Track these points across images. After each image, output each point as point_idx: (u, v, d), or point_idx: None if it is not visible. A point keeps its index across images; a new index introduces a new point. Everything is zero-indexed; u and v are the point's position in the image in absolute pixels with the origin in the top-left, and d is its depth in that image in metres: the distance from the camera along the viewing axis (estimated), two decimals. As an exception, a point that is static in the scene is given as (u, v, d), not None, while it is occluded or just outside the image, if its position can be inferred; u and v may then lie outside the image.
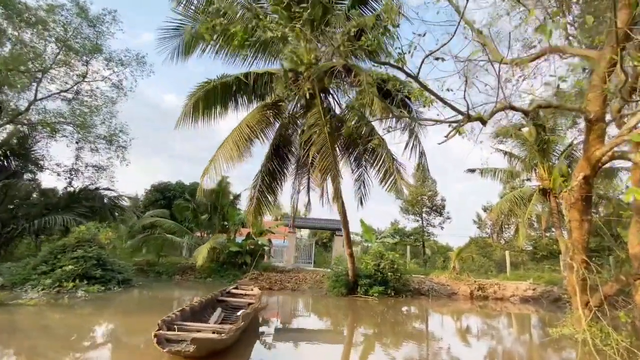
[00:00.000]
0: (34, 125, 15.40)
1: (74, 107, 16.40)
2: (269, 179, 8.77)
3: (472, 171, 18.80)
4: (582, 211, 5.81)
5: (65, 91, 16.50)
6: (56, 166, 16.13)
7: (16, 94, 15.74)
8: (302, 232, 30.06)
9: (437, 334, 8.01)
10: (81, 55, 16.35)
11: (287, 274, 15.06)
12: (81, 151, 16.35)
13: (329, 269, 14.18)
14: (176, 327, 4.92)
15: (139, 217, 17.57)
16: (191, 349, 4.09)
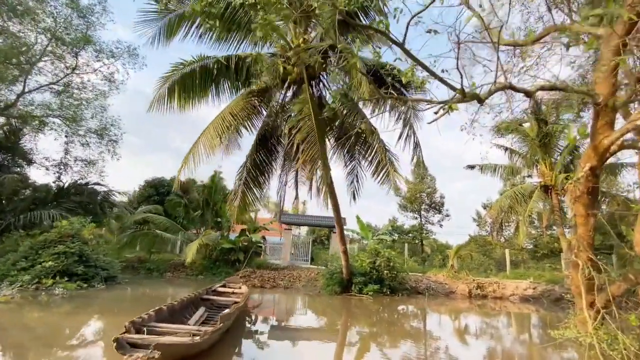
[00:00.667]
0: (22, 118, 14.97)
1: (63, 100, 15.99)
2: (255, 171, 8.32)
3: (471, 167, 18.40)
4: (587, 205, 5.39)
5: (54, 83, 16.08)
6: (45, 160, 15.72)
7: (4, 86, 15.34)
8: (300, 230, 29.70)
9: (432, 334, 7.61)
10: (71, 46, 15.92)
11: (281, 271, 14.69)
12: (70, 145, 15.92)
13: (323, 267, 13.81)
14: (145, 329, 4.50)
15: (131, 213, 17.19)
16: (156, 355, 3.68)
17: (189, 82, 6.52)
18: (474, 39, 5.12)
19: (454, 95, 3.53)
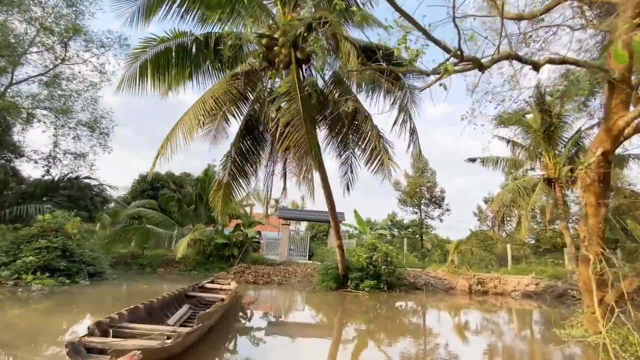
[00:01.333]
0: (9, 109, 14.54)
1: (52, 91, 15.55)
2: (241, 160, 7.84)
3: (472, 160, 17.93)
4: (598, 194, 4.94)
5: (43, 74, 15.63)
6: (33, 153, 15.32)
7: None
8: (300, 225, 29.33)
9: (430, 332, 7.21)
10: (60, 36, 15.44)
11: (277, 267, 14.34)
12: (60, 138, 15.50)
13: (318, 262, 13.43)
14: (112, 331, 4.09)
15: (124, 207, 16.83)
16: None
17: (164, 62, 5.97)
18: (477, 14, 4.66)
19: (449, 59, 3.08)
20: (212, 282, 8.63)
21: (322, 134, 8.77)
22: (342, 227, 21.96)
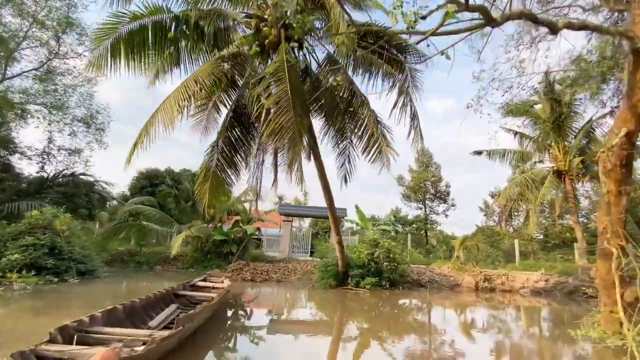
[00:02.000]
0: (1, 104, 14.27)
1: (46, 86, 15.24)
2: (229, 150, 7.38)
3: (478, 153, 17.34)
4: (620, 181, 4.44)
5: (36, 69, 15.33)
6: (27, 149, 15.04)
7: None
8: (304, 222, 28.93)
9: (436, 331, 6.74)
10: (52, 30, 15.11)
11: (277, 264, 13.95)
12: (54, 134, 15.21)
13: (319, 259, 13.00)
14: (77, 336, 3.69)
15: (121, 204, 16.55)
16: None
17: (139, 41, 5.50)
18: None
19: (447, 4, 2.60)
20: (204, 280, 8.23)
21: (318, 125, 8.37)
22: (346, 224, 21.58)
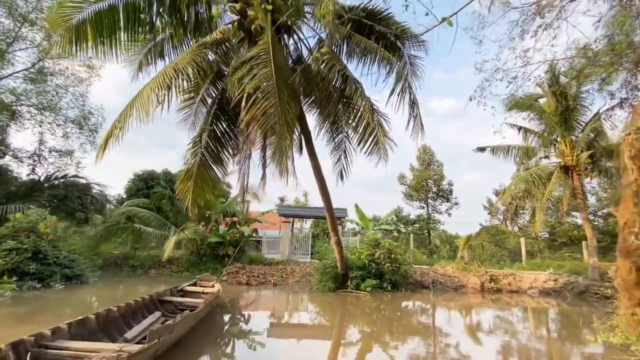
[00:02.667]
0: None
1: (37, 87, 14.89)
2: (215, 145, 6.90)
3: (482, 150, 16.82)
4: (646, 169, 3.95)
5: (27, 70, 14.98)
6: (17, 151, 14.67)
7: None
8: (305, 223, 28.44)
9: (441, 334, 6.26)
10: (43, 28, 14.76)
11: (275, 266, 13.52)
12: (45, 135, 14.83)
13: (317, 261, 12.54)
14: (31, 353, 3.24)
15: (115, 206, 16.16)
16: None
17: (109, 23, 5.01)
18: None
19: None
20: (194, 284, 7.79)
21: (313, 122, 7.91)
22: (348, 225, 21.10)
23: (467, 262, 13.63)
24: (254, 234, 15.50)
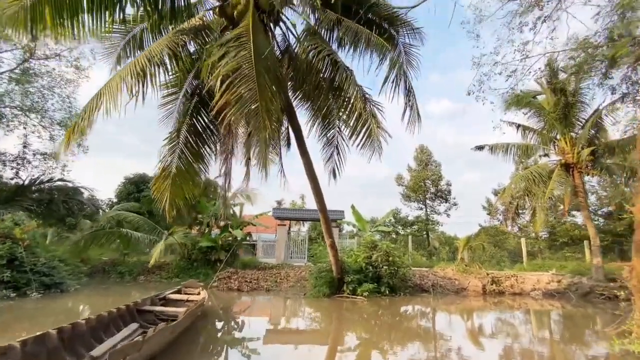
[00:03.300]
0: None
1: (22, 88, 14.40)
2: (196, 140, 6.44)
3: (480, 148, 16.47)
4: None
5: (11, 71, 14.49)
6: (0, 155, 14.14)
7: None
8: (303, 226, 27.95)
9: (443, 340, 5.80)
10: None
11: (269, 271, 13.02)
12: (30, 138, 14.32)
13: (312, 265, 12.08)
14: None
15: (103, 210, 15.64)
16: None
17: (71, 3, 4.52)
18: None
19: None
20: (178, 291, 7.31)
21: (304, 117, 7.45)
22: (346, 227, 20.60)
23: (467, 263, 13.20)
24: (248, 238, 14.99)
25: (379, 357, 5.08)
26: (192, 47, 5.86)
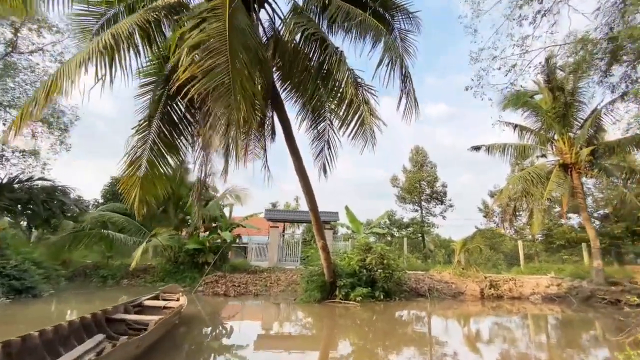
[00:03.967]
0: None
1: (1, 83, 13.76)
2: (170, 130, 5.91)
3: (477, 149, 16.11)
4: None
5: (-10, 64, 13.85)
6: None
7: None
8: (297, 228, 27.42)
9: (440, 347, 5.33)
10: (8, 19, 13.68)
11: (259, 274, 12.49)
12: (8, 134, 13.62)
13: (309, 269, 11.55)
14: None
15: (85, 211, 14.99)
16: None
17: None
18: None
19: None
20: (156, 297, 6.76)
21: (293, 112, 7.02)
22: (341, 230, 20.13)
23: (464, 266, 12.78)
24: (237, 240, 14.45)
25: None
26: (169, 32, 5.37)
